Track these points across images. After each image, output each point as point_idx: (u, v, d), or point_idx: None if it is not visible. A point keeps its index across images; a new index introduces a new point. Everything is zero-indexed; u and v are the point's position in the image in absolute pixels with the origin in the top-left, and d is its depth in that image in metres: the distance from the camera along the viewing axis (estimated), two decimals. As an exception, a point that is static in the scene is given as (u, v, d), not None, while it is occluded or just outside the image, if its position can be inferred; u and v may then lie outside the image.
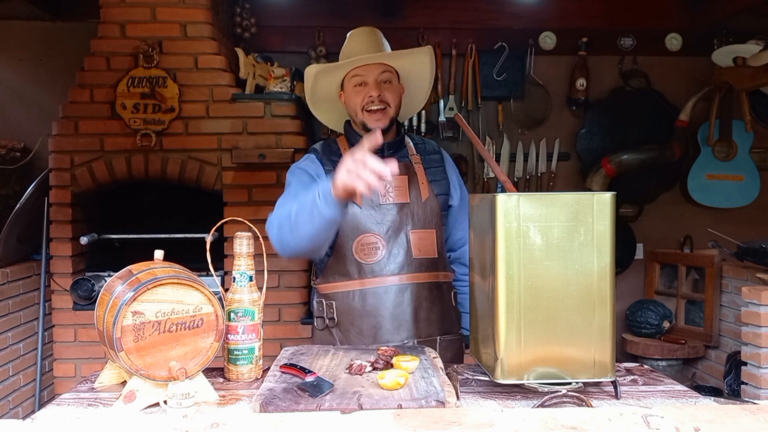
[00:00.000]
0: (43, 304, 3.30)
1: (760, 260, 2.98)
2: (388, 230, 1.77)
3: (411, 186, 1.82)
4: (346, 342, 1.79)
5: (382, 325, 1.75)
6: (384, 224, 1.78)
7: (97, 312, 1.34)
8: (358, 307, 1.77)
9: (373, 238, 1.77)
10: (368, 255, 1.77)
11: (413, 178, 1.84)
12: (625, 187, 3.89)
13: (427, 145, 1.96)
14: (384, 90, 1.79)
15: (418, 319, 1.77)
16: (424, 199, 1.83)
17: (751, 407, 1.08)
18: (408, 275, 1.77)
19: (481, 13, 3.93)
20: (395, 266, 1.77)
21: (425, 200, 1.82)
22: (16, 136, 3.67)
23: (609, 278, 1.26)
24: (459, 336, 1.90)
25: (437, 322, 1.81)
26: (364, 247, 1.77)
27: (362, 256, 1.77)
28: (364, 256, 1.77)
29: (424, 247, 1.81)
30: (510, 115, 3.95)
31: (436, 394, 1.22)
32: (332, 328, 1.82)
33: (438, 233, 1.85)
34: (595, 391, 1.36)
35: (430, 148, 1.96)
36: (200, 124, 3.22)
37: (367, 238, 1.77)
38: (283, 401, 1.19)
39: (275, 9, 3.82)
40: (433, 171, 1.89)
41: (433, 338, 1.78)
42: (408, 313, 1.76)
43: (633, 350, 3.63)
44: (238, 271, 1.45)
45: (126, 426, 0.99)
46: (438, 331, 1.81)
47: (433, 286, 1.82)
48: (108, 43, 3.24)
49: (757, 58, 3.43)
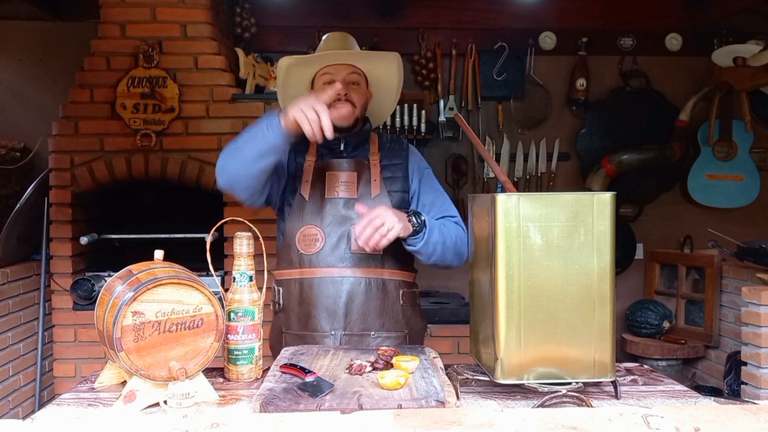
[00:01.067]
0: (43, 304, 3.30)
1: (760, 260, 2.98)
2: (330, 223, 1.81)
3: (361, 182, 1.85)
4: (288, 327, 1.85)
5: (313, 314, 1.79)
6: (326, 217, 1.82)
7: (97, 312, 1.34)
8: (296, 295, 1.83)
9: (314, 230, 1.82)
10: (308, 246, 1.82)
11: (364, 175, 1.86)
12: (625, 187, 3.89)
13: (395, 144, 1.97)
14: (351, 90, 1.84)
15: (350, 312, 1.78)
16: (374, 195, 1.84)
17: (751, 407, 1.08)
18: (344, 268, 1.79)
19: (481, 13, 3.93)
20: (333, 259, 1.80)
21: (375, 196, 1.83)
22: (16, 136, 3.67)
23: (609, 278, 1.26)
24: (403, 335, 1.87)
25: (374, 318, 1.81)
26: (305, 237, 1.82)
27: (303, 246, 1.82)
28: (304, 246, 1.82)
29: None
30: (510, 115, 3.95)
31: (436, 394, 1.22)
32: (279, 312, 1.90)
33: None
34: (595, 391, 1.36)
35: (398, 146, 1.96)
36: (200, 124, 3.22)
37: (309, 229, 1.82)
38: (283, 401, 1.19)
39: (275, 9, 3.82)
40: (392, 168, 1.90)
41: (366, 333, 1.79)
42: (339, 305, 1.78)
43: (633, 350, 3.63)
44: (238, 271, 1.45)
45: (126, 426, 0.99)
46: (374, 327, 1.81)
47: (373, 281, 1.82)
48: (108, 43, 3.24)
49: (757, 58, 3.43)
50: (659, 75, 4.01)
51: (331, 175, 1.84)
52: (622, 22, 3.95)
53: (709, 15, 3.88)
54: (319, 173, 1.85)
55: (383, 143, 1.94)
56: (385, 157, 1.90)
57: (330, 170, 1.85)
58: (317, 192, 1.84)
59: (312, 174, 1.85)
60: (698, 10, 3.93)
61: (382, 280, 1.83)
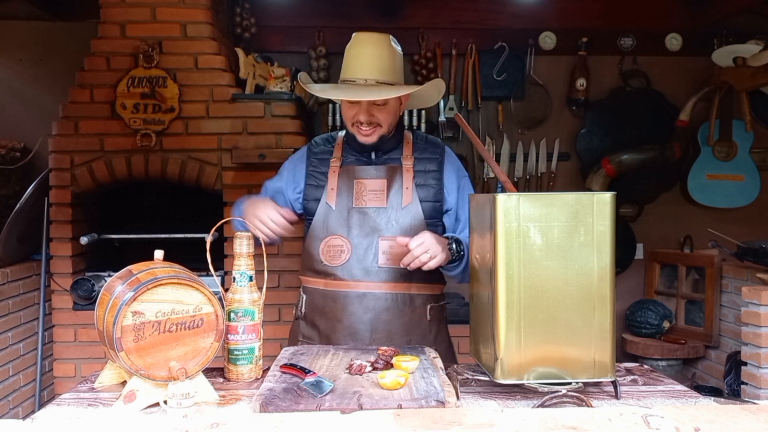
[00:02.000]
0: (43, 304, 3.30)
1: (760, 260, 2.97)
2: (357, 234, 1.73)
3: (391, 190, 1.75)
4: (310, 338, 1.78)
5: (337, 329, 1.72)
6: (353, 227, 1.73)
7: (97, 312, 1.34)
8: (320, 306, 1.77)
9: (339, 241, 1.74)
10: (333, 257, 1.74)
11: (395, 182, 1.76)
12: (625, 187, 3.89)
13: (430, 146, 1.86)
14: (376, 111, 1.73)
15: (375, 330, 1.71)
16: (405, 204, 1.75)
17: (751, 407, 1.07)
18: (369, 283, 1.72)
19: (481, 13, 3.93)
20: (359, 272, 1.72)
21: (406, 206, 1.75)
22: (16, 136, 3.67)
23: (609, 278, 1.26)
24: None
25: (400, 336, 1.73)
26: (330, 248, 1.74)
27: (327, 257, 1.75)
28: (329, 258, 1.74)
29: (394, 256, 1.72)
30: (510, 115, 3.95)
31: (436, 394, 1.22)
32: (300, 319, 1.84)
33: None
34: (595, 391, 1.35)
35: (432, 149, 1.85)
36: (200, 124, 3.22)
37: (335, 240, 1.74)
38: (283, 401, 1.19)
39: (275, 9, 3.82)
40: (425, 175, 1.79)
41: None
42: (364, 322, 1.71)
43: (633, 350, 3.63)
44: (238, 271, 1.45)
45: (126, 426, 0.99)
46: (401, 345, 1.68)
47: (400, 297, 1.74)
48: (108, 43, 3.24)
49: (757, 58, 3.43)
50: (659, 75, 4.00)
51: (360, 183, 1.75)
52: (622, 22, 3.95)
53: (709, 15, 3.87)
54: (346, 180, 1.76)
55: (417, 144, 1.84)
56: (419, 161, 1.80)
57: (358, 178, 1.76)
58: (344, 200, 1.74)
59: (337, 180, 1.76)
60: (698, 10, 3.93)
61: (409, 296, 1.76)
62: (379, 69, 1.71)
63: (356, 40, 1.75)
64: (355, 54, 1.73)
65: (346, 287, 1.73)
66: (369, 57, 1.71)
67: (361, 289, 1.72)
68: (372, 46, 1.72)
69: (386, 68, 1.72)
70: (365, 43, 1.73)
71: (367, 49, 1.72)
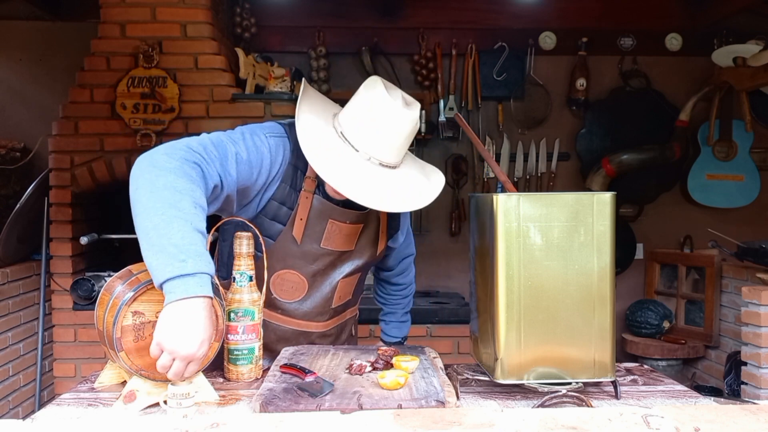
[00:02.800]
0: (43, 304, 3.30)
1: (760, 260, 2.97)
2: (316, 274, 1.56)
3: (363, 234, 1.58)
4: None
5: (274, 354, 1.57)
6: (315, 266, 1.55)
7: (97, 312, 1.33)
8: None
9: (295, 278, 1.55)
10: (284, 292, 1.57)
11: (371, 227, 1.60)
12: (625, 187, 3.89)
13: None
14: None
15: None
16: (379, 251, 1.65)
17: (751, 407, 1.07)
18: (315, 323, 1.64)
19: (481, 13, 3.93)
20: (313, 313, 1.61)
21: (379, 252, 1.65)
22: (16, 136, 3.67)
23: (609, 278, 1.26)
24: None
25: None
26: (283, 282, 1.55)
27: (278, 291, 1.56)
28: (280, 291, 1.56)
29: (345, 293, 1.67)
30: (510, 115, 3.95)
31: (436, 394, 1.22)
32: None
33: (363, 275, 1.72)
34: (595, 391, 1.36)
35: None
36: (200, 124, 3.22)
37: (290, 275, 1.54)
38: (283, 401, 1.19)
39: (275, 9, 3.82)
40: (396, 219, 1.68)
41: None
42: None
43: (633, 350, 3.63)
44: (238, 271, 1.45)
45: (126, 426, 0.99)
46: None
47: (335, 329, 1.72)
48: (108, 43, 3.24)
49: (757, 58, 3.43)
50: (659, 75, 4.01)
51: (334, 225, 1.51)
52: (622, 22, 3.95)
53: (709, 15, 3.88)
54: (318, 214, 1.49)
55: None
56: None
57: (334, 219, 1.51)
58: (311, 239, 1.51)
59: (308, 212, 1.48)
60: (698, 10, 3.93)
61: (342, 324, 1.76)
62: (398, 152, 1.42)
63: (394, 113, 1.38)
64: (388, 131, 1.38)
65: (295, 325, 1.62)
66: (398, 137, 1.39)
67: (311, 329, 1.65)
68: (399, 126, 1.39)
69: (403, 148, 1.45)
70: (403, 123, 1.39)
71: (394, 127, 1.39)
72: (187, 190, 1.20)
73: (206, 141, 1.34)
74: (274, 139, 1.47)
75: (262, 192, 1.47)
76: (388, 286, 1.92)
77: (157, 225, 1.16)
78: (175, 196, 1.19)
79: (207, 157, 1.30)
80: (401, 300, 1.93)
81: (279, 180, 1.46)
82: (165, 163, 1.23)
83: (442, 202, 3.98)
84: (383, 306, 1.94)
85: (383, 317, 1.94)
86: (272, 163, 1.45)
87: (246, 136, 1.43)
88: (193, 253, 1.15)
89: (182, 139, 1.32)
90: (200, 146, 1.31)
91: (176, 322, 1.13)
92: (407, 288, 1.93)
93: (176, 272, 1.13)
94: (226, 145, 1.37)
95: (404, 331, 1.93)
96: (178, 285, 1.13)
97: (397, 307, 1.93)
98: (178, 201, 1.18)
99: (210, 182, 1.29)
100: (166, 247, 1.14)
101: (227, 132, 1.44)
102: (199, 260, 1.15)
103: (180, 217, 1.17)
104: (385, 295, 1.93)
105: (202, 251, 1.17)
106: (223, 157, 1.34)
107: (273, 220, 1.49)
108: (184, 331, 1.13)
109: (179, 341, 1.12)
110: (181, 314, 1.13)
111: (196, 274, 1.15)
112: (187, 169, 1.24)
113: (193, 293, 1.14)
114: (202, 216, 1.22)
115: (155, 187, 1.19)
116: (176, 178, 1.21)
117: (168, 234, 1.15)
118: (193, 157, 1.27)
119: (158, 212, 1.17)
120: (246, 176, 1.40)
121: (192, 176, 1.24)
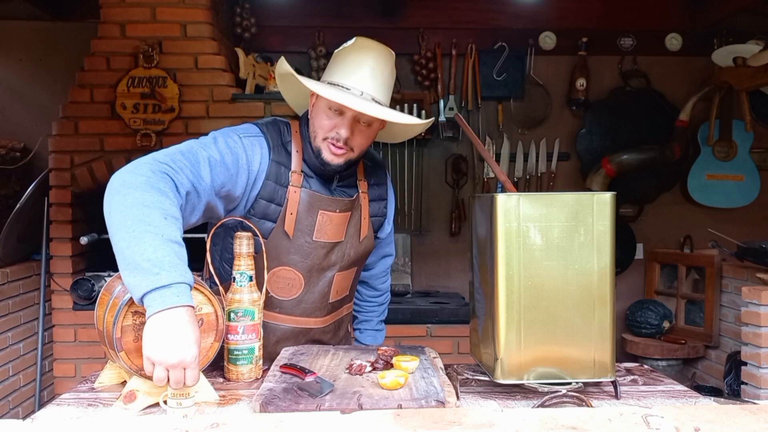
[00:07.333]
0: (43, 304, 3.30)
1: (760, 260, 2.98)
2: (312, 269, 1.58)
3: (351, 223, 1.61)
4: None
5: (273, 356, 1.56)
6: (310, 261, 1.56)
7: (97, 312, 1.33)
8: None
9: (291, 274, 1.56)
10: (281, 290, 1.57)
11: (356, 214, 1.62)
12: (625, 187, 3.89)
13: (377, 168, 1.72)
14: (357, 133, 1.50)
15: None
16: (363, 237, 1.65)
17: (751, 407, 1.07)
18: (314, 319, 1.64)
19: (481, 13, 3.93)
20: (310, 308, 1.62)
21: (363, 239, 1.65)
22: (16, 136, 3.67)
23: (609, 278, 1.26)
24: None
25: None
26: (279, 280, 1.56)
27: (274, 289, 1.57)
28: (276, 289, 1.57)
29: (342, 288, 1.68)
30: (510, 115, 3.95)
31: (436, 394, 1.22)
32: None
33: (359, 269, 1.75)
34: (595, 391, 1.36)
35: (380, 173, 1.73)
36: (200, 124, 3.22)
37: (285, 272, 1.55)
38: (283, 401, 1.19)
39: (275, 9, 3.82)
40: (378, 204, 1.71)
41: None
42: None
43: (633, 350, 3.63)
44: (238, 271, 1.45)
45: (126, 426, 0.99)
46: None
47: (334, 325, 1.72)
48: (108, 43, 3.24)
49: (757, 58, 3.43)
50: (659, 75, 4.01)
51: (324, 215, 1.54)
52: (622, 22, 3.95)
53: (709, 15, 3.88)
54: (308, 206, 1.53)
55: (367, 167, 1.70)
56: (371, 188, 1.69)
57: (324, 209, 1.54)
58: (303, 232, 1.53)
59: (298, 205, 1.52)
60: (698, 10, 3.93)
61: (340, 320, 1.76)
62: (379, 85, 1.50)
63: (360, 45, 1.52)
64: (357, 61, 1.50)
65: (294, 323, 1.62)
66: (371, 69, 1.49)
67: (310, 325, 1.65)
68: (376, 59, 1.51)
69: (385, 88, 1.52)
70: (370, 51, 1.51)
71: (371, 59, 1.50)
72: (155, 203, 1.22)
73: (173, 151, 1.38)
74: (249, 139, 1.50)
75: (248, 192, 1.49)
76: (365, 292, 1.92)
77: (130, 243, 1.18)
78: (143, 212, 1.21)
79: (175, 166, 1.32)
80: (377, 308, 1.93)
81: (263, 177, 1.49)
82: (132, 180, 1.26)
83: (442, 202, 3.98)
84: (358, 314, 1.93)
85: (357, 325, 1.94)
86: (250, 162, 1.48)
87: (218, 140, 1.46)
88: (166, 265, 1.16)
89: (149, 154, 1.35)
90: (166, 157, 1.34)
91: (159, 333, 1.14)
92: (383, 295, 1.94)
93: (151, 285, 1.15)
94: (197, 151, 1.40)
95: (379, 339, 1.92)
96: (155, 298, 1.15)
97: (372, 315, 1.93)
98: (147, 216, 1.20)
99: (182, 189, 1.31)
100: (140, 263, 1.16)
101: (200, 138, 1.47)
102: (174, 271, 1.17)
103: (150, 232, 1.18)
104: (361, 302, 1.93)
105: (176, 262, 1.18)
106: (194, 163, 1.36)
107: (263, 218, 1.52)
108: (168, 340, 1.14)
109: (166, 351, 1.13)
110: (162, 325, 1.14)
111: (172, 285, 1.16)
112: (155, 182, 1.26)
113: (171, 304, 1.15)
114: (175, 225, 1.24)
115: (124, 207, 1.22)
116: (143, 193, 1.23)
117: (140, 250, 1.17)
118: (160, 168, 1.30)
119: (129, 230, 1.19)
120: (223, 179, 1.43)
121: (160, 188, 1.26)
